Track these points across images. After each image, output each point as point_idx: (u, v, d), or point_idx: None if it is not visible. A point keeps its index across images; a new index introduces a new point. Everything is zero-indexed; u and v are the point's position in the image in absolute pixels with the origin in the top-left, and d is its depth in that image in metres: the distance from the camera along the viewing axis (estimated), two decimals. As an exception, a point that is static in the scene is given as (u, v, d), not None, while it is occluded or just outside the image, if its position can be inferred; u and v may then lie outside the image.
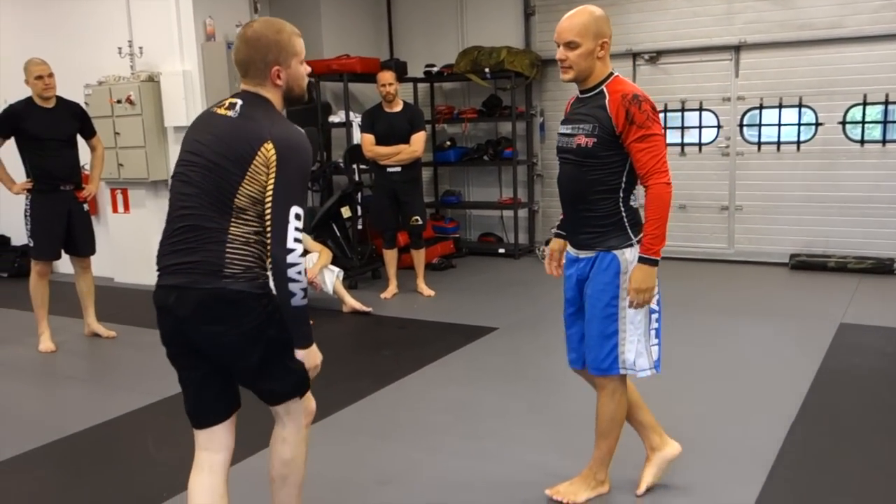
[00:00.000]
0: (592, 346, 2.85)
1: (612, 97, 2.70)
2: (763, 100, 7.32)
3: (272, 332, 2.29)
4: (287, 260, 2.17)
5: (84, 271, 5.58)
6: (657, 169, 2.69)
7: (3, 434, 3.96)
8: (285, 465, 2.49)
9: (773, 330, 5.32)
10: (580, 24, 2.71)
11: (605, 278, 2.78)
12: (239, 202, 2.25)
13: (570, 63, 2.73)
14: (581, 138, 2.74)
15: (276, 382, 2.40)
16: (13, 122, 5.17)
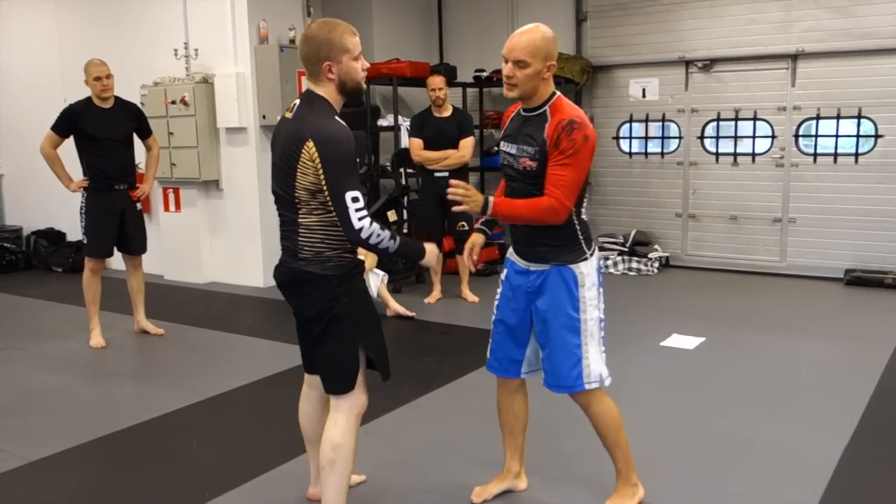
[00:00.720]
0: (556, 362, 2.83)
1: (553, 121, 2.69)
2: (820, 110, 7.14)
3: (337, 310, 2.61)
4: (361, 237, 2.50)
5: (135, 269, 5.69)
6: (562, 187, 2.66)
7: (52, 428, 4.05)
8: (333, 450, 2.66)
9: (827, 348, 5.17)
10: (532, 44, 2.66)
11: (564, 292, 2.79)
12: (299, 195, 2.56)
13: (516, 81, 2.69)
14: (526, 161, 2.74)
15: (323, 364, 2.70)
16: (72, 122, 5.29)
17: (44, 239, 8.64)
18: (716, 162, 7.74)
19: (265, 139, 7.19)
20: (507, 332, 2.96)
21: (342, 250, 2.63)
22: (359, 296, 2.71)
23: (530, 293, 2.85)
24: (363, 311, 2.71)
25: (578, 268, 2.80)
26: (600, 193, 8.42)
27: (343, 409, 2.69)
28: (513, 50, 2.67)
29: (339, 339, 2.65)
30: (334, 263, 2.61)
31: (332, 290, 2.61)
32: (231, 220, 7.43)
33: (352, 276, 2.68)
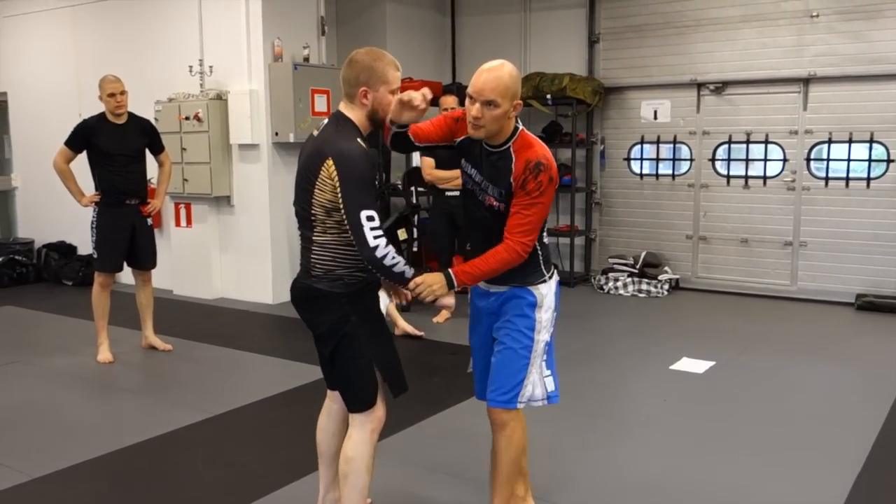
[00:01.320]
0: (499, 377, 2.78)
1: (518, 162, 2.62)
2: (832, 134, 7.12)
3: (348, 328, 2.65)
4: (377, 255, 2.52)
5: (145, 284, 5.70)
6: (525, 232, 2.63)
7: (57, 444, 4.04)
8: (346, 463, 2.70)
9: (838, 374, 5.12)
10: (503, 84, 2.57)
11: (521, 311, 2.77)
12: (315, 213, 2.61)
13: (483, 123, 2.59)
14: (492, 200, 2.70)
15: (340, 383, 2.74)
16: (86, 137, 5.32)
17: (55, 252, 8.68)
18: (727, 184, 7.72)
19: (277, 156, 7.22)
20: (479, 355, 2.95)
21: (354, 269, 2.65)
22: (369, 313, 2.73)
23: (490, 315, 2.85)
24: (374, 327, 2.73)
25: (537, 289, 2.78)
26: (611, 214, 8.41)
27: (357, 424, 2.72)
28: (482, 90, 2.57)
29: (354, 356, 2.68)
30: (344, 282, 2.64)
31: (342, 308, 2.65)
32: (242, 237, 7.45)
33: (363, 294, 2.70)
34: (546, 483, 3.49)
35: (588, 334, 6.23)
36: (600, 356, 5.62)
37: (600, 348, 5.84)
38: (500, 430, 2.81)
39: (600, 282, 7.90)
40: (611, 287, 7.78)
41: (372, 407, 2.71)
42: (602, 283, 7.87)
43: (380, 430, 2.76)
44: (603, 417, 4.37)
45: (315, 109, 7.06)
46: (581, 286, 8.16)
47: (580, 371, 5.22)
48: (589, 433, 4.12)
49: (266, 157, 7.17)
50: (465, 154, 2.80)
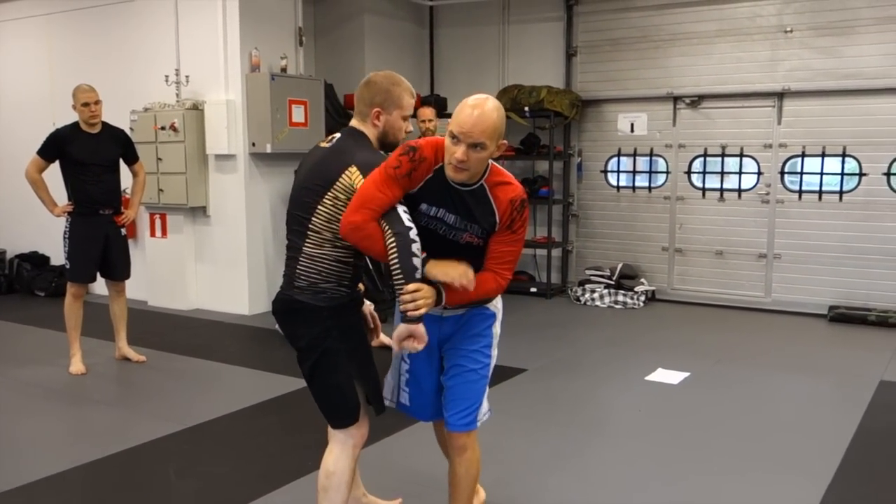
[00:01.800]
0: (461, 400, 2.68)
1: (500, 200, 2.49)
2: (805, 148, 7.23)
3: (328, 343, 2.61)
4: (409, 235, 2.41)
5: (118, 295, 5.64)
6: (512, 265, 2.58)
7: (29, 457, 3.98)
8: (327, 477, 2.67)
9: (810, 385, 5.17)
10: (492, 125, 2.38)
11: (478, 329, 2.71)
12: (315, 223, 2.57)
13: (468, 166, 2.40)
14: (472, 237, 2.54)
15: (319, 398, 2.69)
16: (59, 147, 5.27)
17: (27, 263, 8.56)
18: (702, 197, 7.80)
19: (254, 167, 7.19)
20: (427, 379, 2.81)
21: (338, 283, 2.62)
22: (351, 328, 2.70)
23: (442, 340, 2.71)
24: (356, 343, 2.70)
25: (494, 305, 2.74)
26: (588, 226, 8.46)
27: (338, 440, 2.69)
28: (471, 133, 2.35)
29: (335, 371, 2.64)
30: (327, 295, 2.61)
31: (324, 321, 2.61)
32: (218, 247, 7.40)
33: (346, 308, 2.67)
34: (519, 493, 3.49)
35: (564, 345, 6.24)
36: (576, 367, 5.64)
37: (576, 359, 5.86)
38: (461, 453, 2.73)
39: (577, 293, 7.93)
40: (587, 298, 7.82)
41: (353, 424, 2.68)
42: (579, 294, 7.90)
43: (361, 447, 2.74)
44: (577, 428, 4.38)
45: (292, 120, 7.05)
46: (558, 297, 8.19)
47: (556, 382, 5.23)
48: (563, 443, 4.12)
49: (243, 167, 7.14)
50: (425, 198, 2.53)
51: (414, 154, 2.48)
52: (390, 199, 2.47)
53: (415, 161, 2.48)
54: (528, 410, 4.66)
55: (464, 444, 2.71)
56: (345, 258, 2.61)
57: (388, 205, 2.47)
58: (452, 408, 2.70)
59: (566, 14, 8.24)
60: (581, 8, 8.20)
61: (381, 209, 2.46)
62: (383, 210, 2.47)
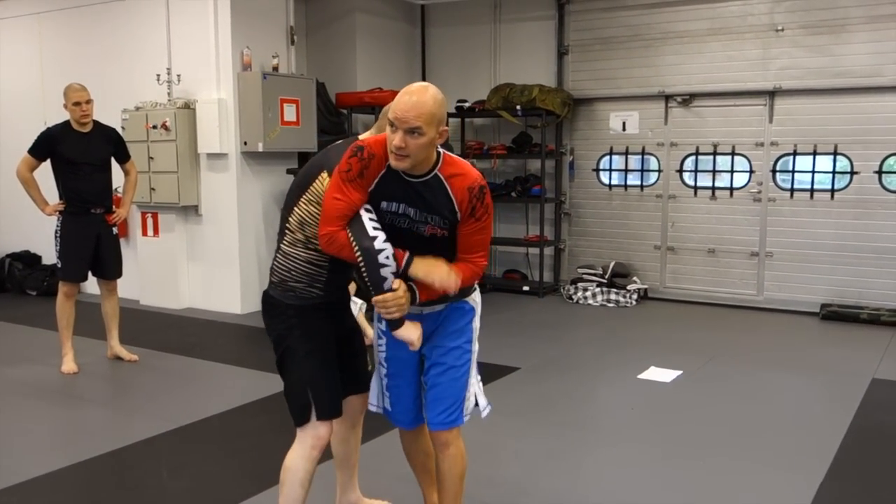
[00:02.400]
0: (443, 397, 2.66)
1: (457, 189, 2.47)
2: (797, 146, 7.25)
3: (291, 341, 2.66)
4: (375, 246, 2.43)
5: (110, 294, 5.62)
6: (483, 253, 2.58)
7: (21, 456, 3.96)
8: (283, 472, 2.71)
9: (802, 383, 5.19)
10: (427, 110, 2.35)
11: (459, 325, 2.69)
12: (291, 223, 2.64)
13: (408, 152, 2.37)
14: (435, 229, 2.52)
15: (285, 395, 2.74)
16: (50, 146, 5.25)
17: (19, 262, 8.52)
18: (694, 195, 7.82)
19: (245, 165, 7.17)
20: (406, 382, 2.77)
21: (308, 284, 2.65)
22: (313, 332, 2.68)
23: (422, 337, 2.65)
24: (315, 346, 2.68)
25: (473, 299, 2.73)
26: (580, 225, 8.47)
27: (298, 437, 2.72)
28: (405, 118, 2.34)
29: (292, 370, 2.68)
30: (296, 294, 2.66)
31: (289, 319, 2.66)
32: (209, 246, 7.39)
33: (312, 310, 2.67)
34: (512, 491, 3.50)
35: (556, 344, 6.25)
36: (569, 366, 5.65)
37: (569, 358, 5.87)
38: (444, 449, 2.70)
39: (569, 292, 7.94)
40: (580, 297, 7.83)
41: (305, 423, 2.68)
42: (571, 292, 7.91)
43: (321, 450, 2.71)
44: (570, 426, 4.39)
45: (284, 119, 7.03)
46: (550, 296, 8.20)
47: (548, 380, 5.24)
48: (556, 442, 4.13)
49: (234, 166, 7.12)
50: (383, 195, 2.51)
51: (361, 153, 2.47)
52: (349, 204, 2.47)
53: (364, 160, 2.46)
54: (521, 409, 4.67)
55: (446, 440, 2.69)
56: (318, 261, 2.63)
57: (348, 210, 2.47)
58: (435, 407, 2.67)
59: (557, 13, 8.25)
60: (572, 7, 8.21)
61: (343, 217, 2.47)
62: (346, 217, 2.48)
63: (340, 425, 3.03)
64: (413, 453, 2.96)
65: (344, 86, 8.24)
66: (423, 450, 2.94)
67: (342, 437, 3.06)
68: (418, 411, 2.79)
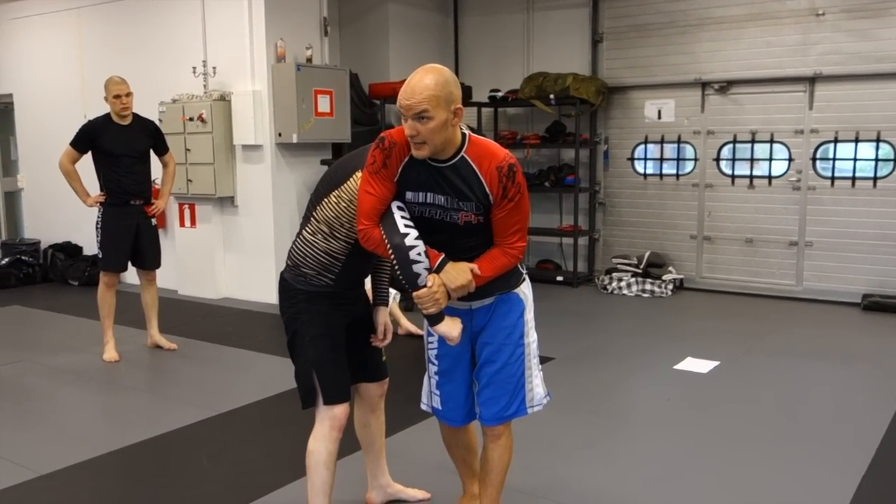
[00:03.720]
0: (500, 394, 2.65)
1: (487, 171, 2.41)
2: (838, 133, 7.11)
3: (299, 325, 2.72)
4: (406, 243, 2.43)
5: (149, 284, 5.72)
6: (520, 235, 2.51)
7: (64, 442, 4.06)
8: (308, 455, 2.78)
9: (843, 375, 5.10)
10: (430, 93, 2.30)
11: (511, 319, 2.65)
12: (318, 213, 2.68)
13: (423, 138, 2.34)
14: (469, 216, 2.46)
15: (295, 374, 2.80)
16: (91, 138, 5.34)
17: (61, 252, 8.71)
18: (731, 184, 7.71)
19: (280, 157, 7.23)
20: (458, 379, 2.75)
21: (320, 273, 2.70)
22: (321, 316, 2.72)
23: (474, 334, 2.67)
24: (322, 332, 2.72)
25: (522, 291, 2.69)
26: (614, 214, 8.40)
27: (317, 419, 2.77)
28: (410, 105, 2.31)
29: (298, 354, 2.76)
30: (306, 280, 2.71)
31: (298, 304, 2.73)
32: (245, 237, 7.47)
33: (323, 298, 2.71)
34: (548, 481, 3.50)
35: (591, 334, 6.22)
36: (603, 356, 5.62)
37: (603, 348, 5.83)
38: (495, 440, 2.72)
39: (604, 282, 7.89)
40: (614, 287, 7.77)
41: (311, 406, 2.76)
42: (605, 283, 7.86)
43: (339, 430, 2.76)
44: (606, 417, 4.37)
45: (318, 110, 7.07)
46: (584, 286, 8.15)
47: (583, 371, 5.22)
48: (591, 432, 4.12)
49: (269, 157, 7.18)
50: (408, 185, 2.48)
51: (383, 143, 2.46)
52: (379, 198, 2.47)
53: (385, 150, 2.45)
54: (556, 399, 4.60)
55: (500, 432, 2.71)
56: (336, 253, 2.67)
57: (379, 204, 2.47)
58: (491, 405, 2.67)
59: (592, 0, 8.17)
60: (608, -6, 8.14)
61: (376, 211, 2.48)
62: (377, 211, 2.48)
63: (360, 410, 3.08)
64: (454, 447, 2.96)
65: (377, 76, 8.25)
66: (464, 444, 2.93)
67: (363, 423, 3.12)
68: (470, 409, 2.77)
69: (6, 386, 5.02)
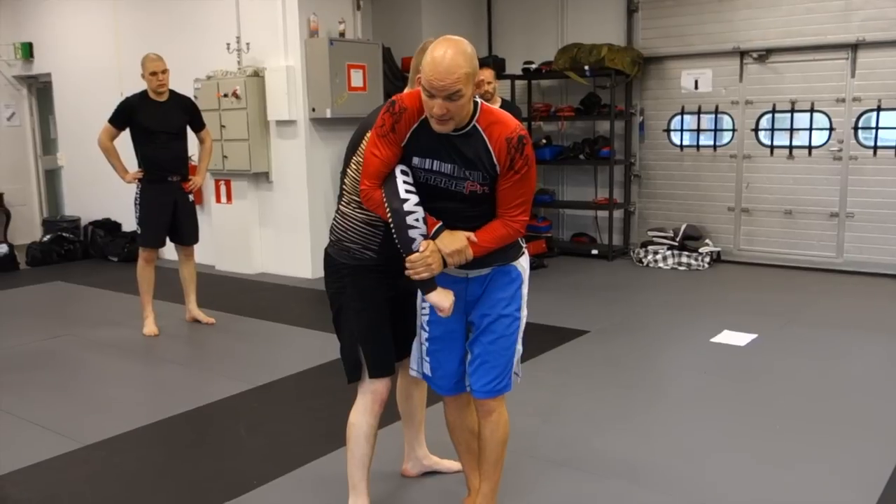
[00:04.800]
0: (492, 365, 2.61)
1: (495, 141, 2.38)
2: (881, 101, 6.92)
3: (344, 300, 2.75)
4: (404, 208, 2.43)
5: (187, 259, 5.80)
6: (522, 209, 2.47)
7: (107, 414, 4.16)
8: (349, 427, 2.81)
9: (883, 347, 5.01)
10: (463, 73, 2.27)
11: (510, 291, 2.61)
12: (347, 184, 2.70)
13: (451, 115, 2.32)
14: (475, 185, 2.43)
15: (340, 349, 2.82)
16: (128, 115, 5.40)
17: (101, 229, 8.87)
18: (770, 155, 7.56)
19: (314, 132, 7.25)
20: (449, 348, 2.72)
21: (363, 246, 2.69)
22: (366, 290, 2.72)
23: (468, 302, 2.64)
24: (367, 306, 2.73)
25: (521, 264, 2.65)
26: (650, 186, 8.30)
27: (360, 394, 2.81)
28: (444, 87, 2.26)
29: (343, 329, 2.79)
30: (350, 254, 2.71)
31: (342, 279, 2.74)
32: (281, 212, 7.53)
33: (366, 271, 2.71)
34: (582, 453, 3.50)
35: (627, 307, 6.19)
36: (639, 329, 5.58)
37: (639, 321, 5.80)
38: (487, 416, 2.69)
39: (639, 255, 7.82)
40: (650, 260, 7.70)
41: (355, 381, 2.78)
42: (641, 256, 7.79)
43: (381, 404, 2.78)
44: (641, 389, 4.35)
45: (351, 84, 7.07)
46: (620, 259, 8.09)
47: (618, 343, 5.20)
48: (627, 405, 4.11)
49: (303, 133, 7.21)
50: (415, 150, 2.47)
51: (393, 107, 2.43)
52: (384, 161, 2.46)
53: (395, 114, 2.43)
54: (591, 372, 4.65)
55: (491, 407, 2.68)
56: (375, 222, 2.65)
57: (383, 167, 2.47)
58: (483, 375, 2.63)
59: (627, -31, 8.03)
60: (643, -38, 7.98)
61: (379, 174, 2.48)
62: (381, 173, 2.48)
63: (403, 381, 3.11)
64: (457, 429, 2.89)
65: (409, 50, 8.20)
66: (469, 426, 2.87)
67: (406, 395, 3.15)
68: (460, 378, 2.74)
69: (50, 359, 5.15)
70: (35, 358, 5.17)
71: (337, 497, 3.01)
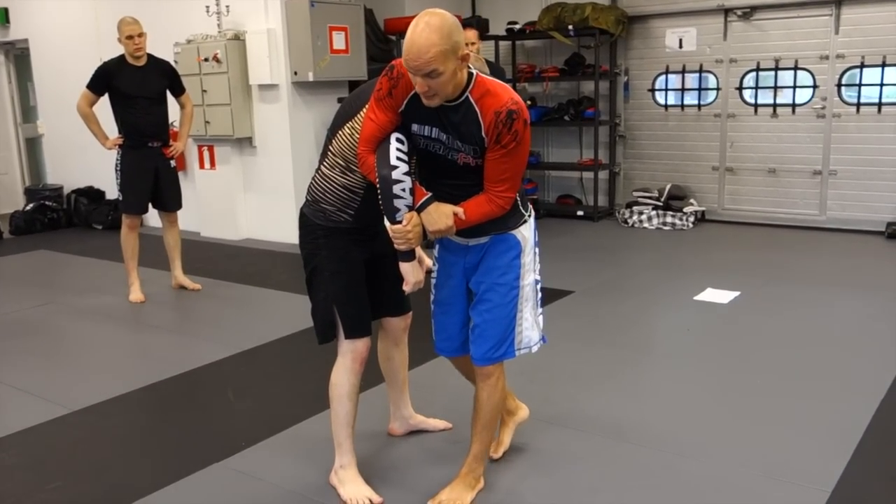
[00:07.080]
0: (489, 335, 2.64)
1: (486, 114, 2.37)
2: (865, 58, 6.92)
3: (318, 261, 2.74)
4: (392, 176, 2.43)
5: (171, 225, 5.77)
6: (507, 185, 2.45)
7: (94, 379, 4.17)
8: (331, 387, 2.85)
9: (865, 303, 5.08)
10: (436, 52, 2.22)
11: (505, 260, 2.61)
12: (334, 146, 2.68)
13: (435, 91, 2.31)
14: (467, 157, 2.45)
15: (312, 309, 2.83)
16: (106, 80, 5.34)
17: (84, 197, 8.80)
18: (754, 113, 7.57)
19: (297, 96, 7.18)
20: (450, 311, 2.78)
21: (339, 209, 2.70)
22: (340, 253, 2.73)
23: (468, 269, 2.67)
24: (342, 268, 2.74)
25: (521, 232, 2.64)
26: (635, 147, 8.31)
27: (340, 353, 2.83)
28: (420, 67, 2.25)
29: (317, 290, 2.79)
30: (325, 216, 2.71)
31: (317, 239, 2.74)
32: (265, 177, 7.49)
33: (341, 233, 2.71)
34: (568, 410, 3.55)
35: (612, 268, 6.23)
36: (624, 288, 5.63)
37: (624, 281, 5.84)
38: (484, 380, 2.72)
39: (624, 216, 7.85)
40: (635, 220, 7.74)
41: (327, 342, 2.81)
42: (626, 216, 7.82)
43: (361, 363, 2.81)
44: (625, 348, 4.40)
45: (333, 47, 6.99)
46: (605, 220, 8.12)
47: (604, 303, 5.24)
48: (611, 363, 4.16)
49: (286, 97, 7.14)
50: (414, 117, 2.47)
51: (392, 71, 2.44)
52: (380, 126, 2.47)
53: (393, 79, 2.43)
54: (576, 331, 4.69)
55: (489, 372, 2.70)
56: (354, 187, 2.67)
57: (379, 132, 2.48)
58: (481, 344, 2.66)
59: (612, -75, 7.94)
60: (627, -82, 7.88)
61: (374, 139, 2.49)
62: (376, 138, 2.49)
63: (383, 343, 3.14)
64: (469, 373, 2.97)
65: (392, 11, 8.12)
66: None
67: (386, 356, 3.17)
68: (462, 341, 2.78)
69: (36, 327, 5.15)
70: (21, 326, 5.16)
71: (323, 456, 3.05)
